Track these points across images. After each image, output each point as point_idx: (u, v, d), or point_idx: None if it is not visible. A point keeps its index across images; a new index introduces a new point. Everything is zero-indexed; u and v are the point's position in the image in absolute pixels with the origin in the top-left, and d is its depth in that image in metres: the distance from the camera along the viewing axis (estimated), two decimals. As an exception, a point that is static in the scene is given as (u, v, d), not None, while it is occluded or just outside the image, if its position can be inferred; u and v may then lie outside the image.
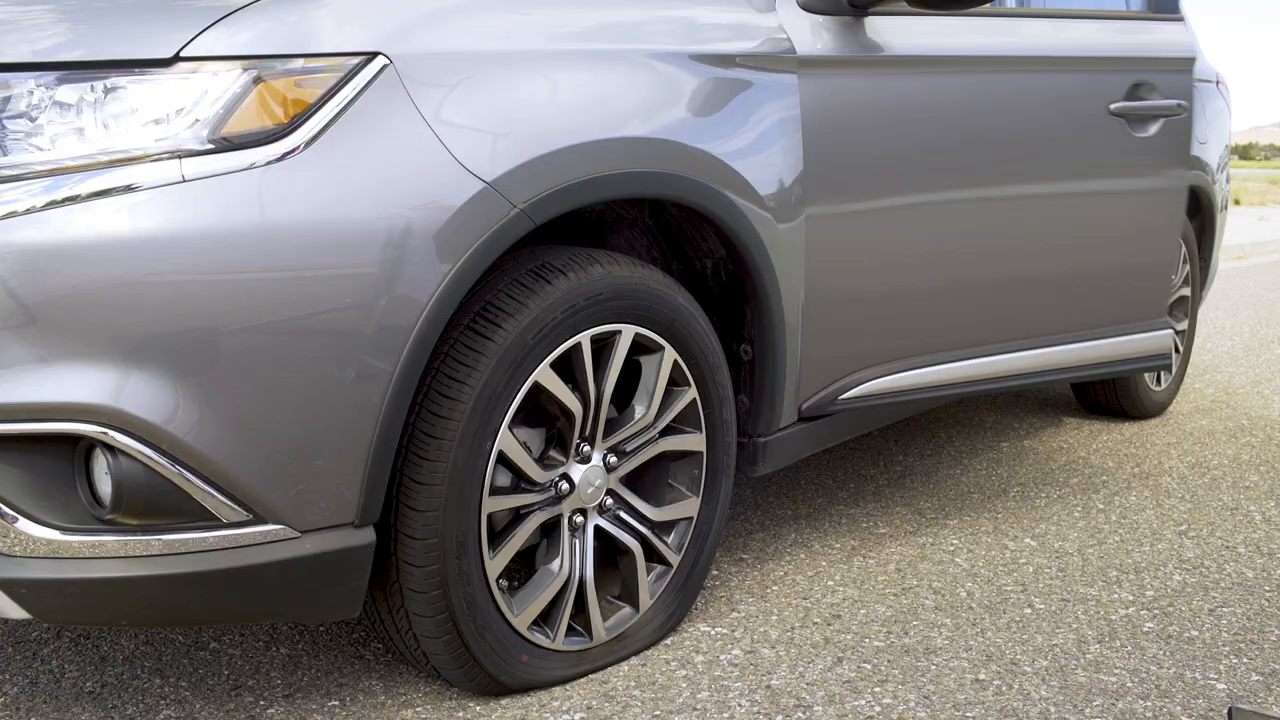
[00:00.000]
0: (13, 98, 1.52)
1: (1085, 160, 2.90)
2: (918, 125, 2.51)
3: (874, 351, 2.55)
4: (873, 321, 2.52)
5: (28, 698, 1.98)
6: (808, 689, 2.02)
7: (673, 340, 2.07)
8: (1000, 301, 2.79)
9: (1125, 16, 3.20)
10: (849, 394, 2.50)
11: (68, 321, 1.46)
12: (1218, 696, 2.02)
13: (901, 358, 2.61)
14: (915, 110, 2.52)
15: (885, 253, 2.49)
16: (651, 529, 2.13)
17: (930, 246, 2.58)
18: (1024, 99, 2.74)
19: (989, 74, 2.68)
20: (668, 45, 2.03)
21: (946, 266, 2.64)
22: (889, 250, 2.50)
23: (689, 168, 2.01)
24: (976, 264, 2.71)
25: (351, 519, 1.67)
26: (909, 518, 2.95)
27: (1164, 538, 2.82)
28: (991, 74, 2.69)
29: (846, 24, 2.37)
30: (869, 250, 2.47)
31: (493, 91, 1.75)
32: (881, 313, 2.53)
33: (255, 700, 1.97)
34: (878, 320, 2.53)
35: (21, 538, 1.52)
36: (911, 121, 2.50)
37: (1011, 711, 1.95)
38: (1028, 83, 2.77)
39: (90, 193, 1.48)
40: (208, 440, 1.53)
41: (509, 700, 1.97)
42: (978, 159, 2.65)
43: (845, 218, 2.38)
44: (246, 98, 1.55)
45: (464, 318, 1.80)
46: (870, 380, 2.54)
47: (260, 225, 1.53)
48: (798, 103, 2.23)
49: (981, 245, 2.71)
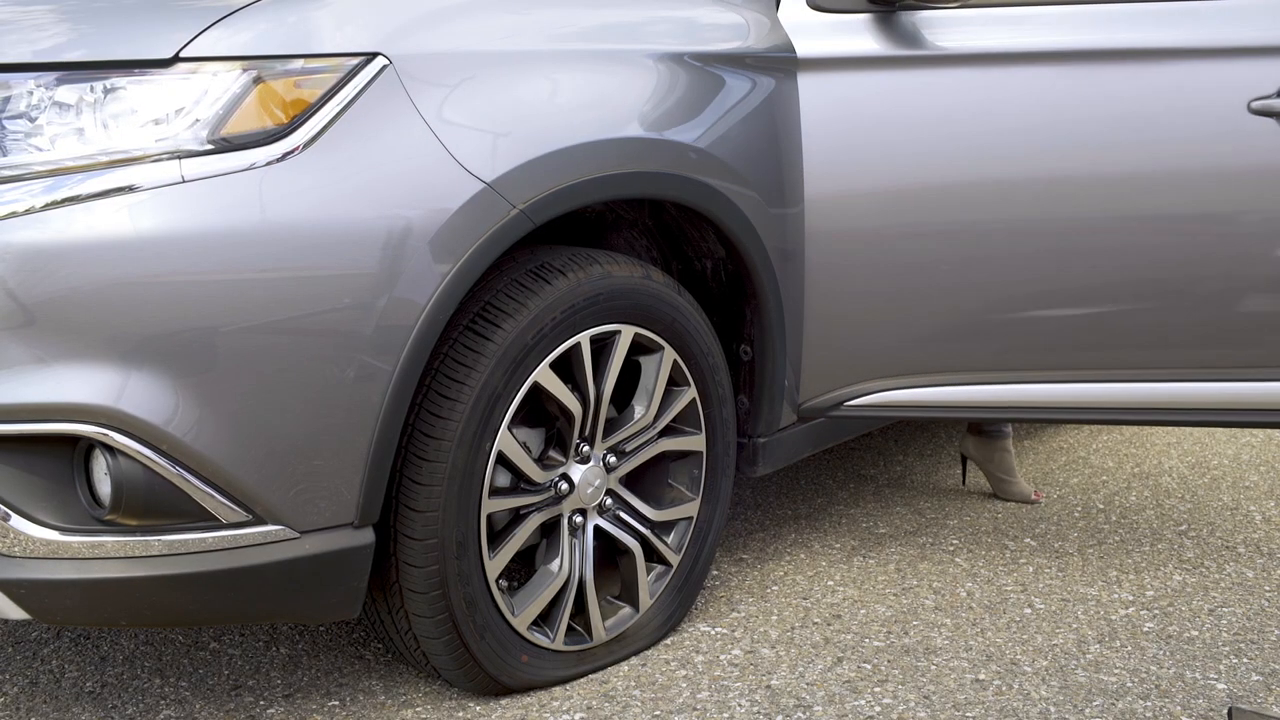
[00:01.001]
0: (12, 98, 1.52)
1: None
2: (939, 128, 2.32)
3: (888, 362, 2.39)
4: (881, 328, 2.37)
5: (28, 698, 1.98)
6: (808, 689, 2.02)
7: (672, 340, 2.07)
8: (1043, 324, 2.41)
9: None
10: (856, 402, 2.39)
11: (67, 322, 1.46)
12: (1218, 696, 2.02)
13: (926, 372, 2.39)
14: (944, 112, 2.33)
15: (892, 258, 2.34)
16: (651, 529, 2.13)
17: (959, 253, 2.33)
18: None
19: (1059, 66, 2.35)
20: (668, 45, 2.03)
21: (976, 277, 2.35)
22: (896, 255, 2.37)
23: (689, 168, 2.01)
24: (1008, 276, 2.35)
25: (351, 519, 1.67)
26: (909, 518, 2.95)
27: (1164, 538, 2.82)
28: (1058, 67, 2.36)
29: (866, 22, 2.30)
30: (872, 253, 2.42)
31: (492, 92, 1.75)
32: (889, 319, 2.37)
33: (255, 700, 1.97)
34: (887, 327, 2.37)
35: (21, 538, 1.52)
36: (933, 124, 2.32)
37: (1011, 711, 1.95)
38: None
39: (90, 193, 1.48)
40: (207, 441, 1.53)
41: (509, 700, 1.97)
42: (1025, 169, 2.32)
43: (846, 217, 2.36)
44: (246, 98, 1.55)
45: (463, 318, 1.80)
46: (886, 391, 2.38)
47: (260, 226, 1.53)
48: (799, 103, 2.22)
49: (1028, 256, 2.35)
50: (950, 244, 2.32)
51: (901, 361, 2.39)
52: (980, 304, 2.36)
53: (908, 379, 2.41)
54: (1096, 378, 2.44)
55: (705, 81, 2.07)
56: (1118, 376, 2.44)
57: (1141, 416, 2.51)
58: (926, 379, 2.41)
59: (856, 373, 2.41)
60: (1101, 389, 2.45)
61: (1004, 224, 2.32)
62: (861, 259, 2.33)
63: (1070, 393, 2.44)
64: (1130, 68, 2.33)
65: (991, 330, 2.39)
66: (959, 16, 2.31)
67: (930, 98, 2.32)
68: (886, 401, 2.43)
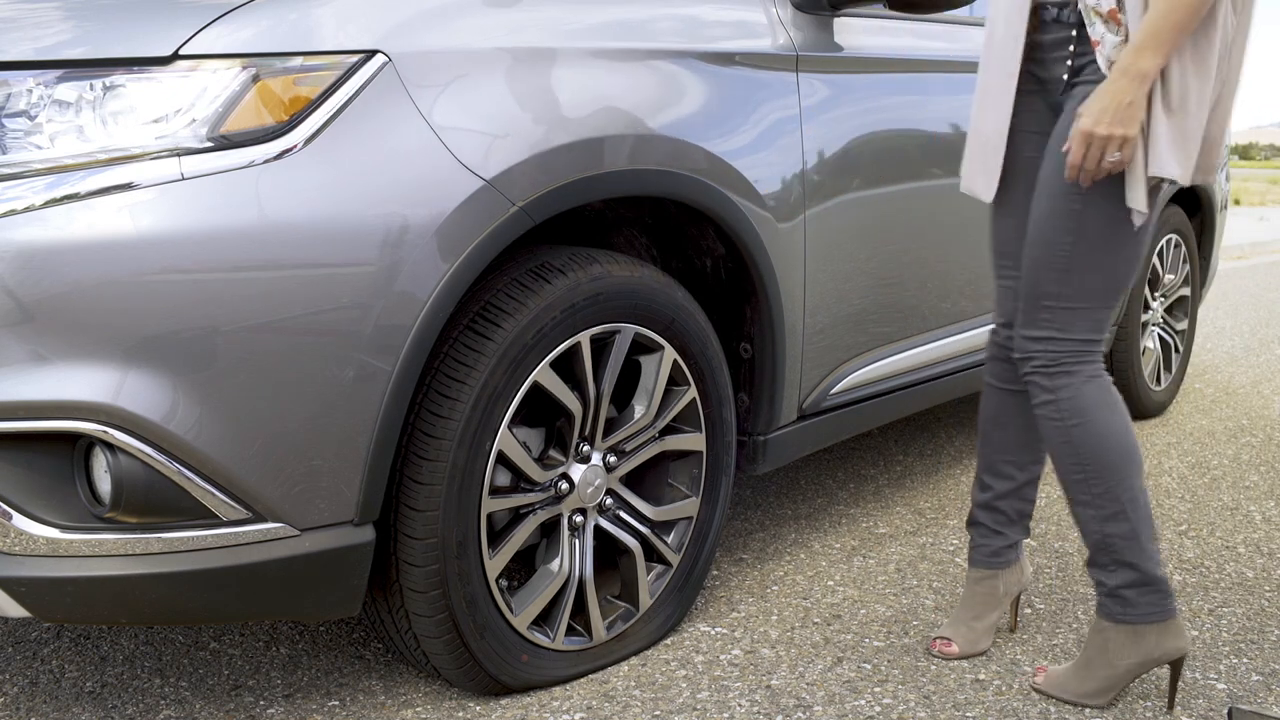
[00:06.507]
0: (12, 96, 1.52)
1: None
2: (914, 125, 2.53)
3: (864, 341, 2.59)
4: (870, 313, 2.56)
5: (28, 698, 1.98)
6: (808, 689, 2.02)
7: (672, 340, 2.07)
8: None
9: None
10: (841, 385, 2.54)
11: (67, 319, 1.46)
12: (1218, 696, 2.02)
13: (887, 343, 2.67)
14: (909, 110, 2.54)
15: (883, 246, 2.52)
16: (651, 529, 2.13)
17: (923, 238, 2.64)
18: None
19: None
20: (668, 43, 2.03)
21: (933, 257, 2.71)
22: (887, 244, 2.53)
23: (689, 166, 2.01)
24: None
25: (351, 517, 1.67)
26: (909, 518, 2.95)
27: (1164, 538, 2.81)
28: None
29: (845, 23, 2.37)
30: (868, 245, 2.48)
31: (492, 89, 1.75)
32: (876, 304, 2.57)
33: (255, 700, 1.97)
34: (873, 312, 2.57)
35: (21, 536, 1.52)
36: (908, 121, 2.52)
37: (1011, 711, 1.95)
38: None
39: (89, 191, 1.48)
40: (207, 438, 1.53)
41: (509, 700, 1.96)
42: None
43: (845, 214, 2.38)
44: (245, 96, 1.55)
45: (463, 317, 1.80)
46: (860, 370, 2.59)
47: (259, 223, 1.53)
48: (797, 101, 2.23)
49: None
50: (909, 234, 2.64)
51: (873, 336, 2.62)
52: (919, 278, 2.73)
53: (876, 352, 2.65)
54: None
55: (706, 79, 2.07)
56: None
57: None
58: (887, 349, 2.67)
59: (844, 357, 2.54)
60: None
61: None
62: (854, 252, 2.46)
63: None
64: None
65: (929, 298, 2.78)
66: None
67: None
68: (864, 379, 2.62)
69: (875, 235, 2.49)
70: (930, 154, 2.64)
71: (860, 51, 2.41)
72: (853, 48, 2.39)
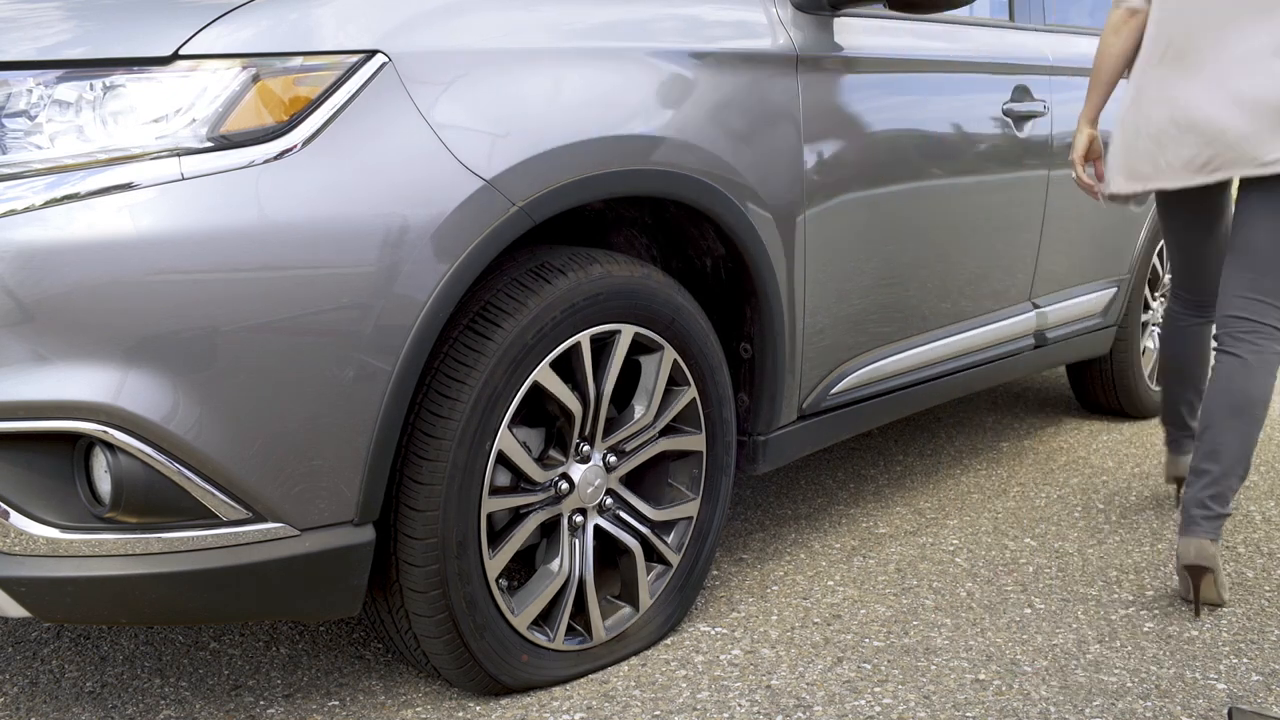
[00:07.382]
0: (12, 96, 1.52)
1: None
2: (917, 124, 2.53)
3: (864, 341, 2.59)
4: (869, 313, 2.56)
5: (28, 698, 1.98)
6: (808, 689, 2.02)
7: (672, 340, 2.07)
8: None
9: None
10: (841, 385, 2.54)
11: (67, 319, 1.46)
12: (1218, 696, 2.02)
13: (887, 343, 2.68)
14: (911, 110, 2.54)
15: (884, 246, 2.52)
16: (651, 529, 2.13)
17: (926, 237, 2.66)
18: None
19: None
20: (668, 43, 2.03)
21: (936, 254, 2.74)
22: (887, 244, 2.53)
23: (689, 166, 2.01)
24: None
25: (351, 517, 1.67)
26: (909, 518, 2.95)
27: (1164, 538, 2.81)
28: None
29: (845, 23, 2.38)
30: (868, 245, 2.48)
31: (492, 89, 1.75)
32: (876, 304, 2.57)
33: (255, 700, 1.97)
34: (873, 312, 2.57)
35: (21, 536, 1.52)
36: (910, 121, 2.52)
37: (1011, 711, 1.95)
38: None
39: (89, 191, 1.48)
40: (207, 438, 1.53)
41: (509, 700, 1.96)
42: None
43: (845, 214, 2.39)
44: (245, 96, 1.55)
45: (463, 317, 1.80)
46: (860, 370, 2.59)
47: (259, 223, 1.53)
48: (798, 101, 2.23)
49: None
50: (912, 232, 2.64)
51: (874, 336, 2.63)
52: (919, 277, 2.75)
53: (877, 351, 2.66)
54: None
55: (706, 79, 2.07)
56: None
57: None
58: (888, 349, 2.69)
59: (845, 357, 2.55)
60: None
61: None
62: (855, 251, 2.46)
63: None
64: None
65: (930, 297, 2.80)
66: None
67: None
68: (865, 379, 2.63)
69: (875, 235, 2.49)
70: (930, 154, 2.64)
71: (860, 52, 2.41)
72: (853, 48, 2.39)
